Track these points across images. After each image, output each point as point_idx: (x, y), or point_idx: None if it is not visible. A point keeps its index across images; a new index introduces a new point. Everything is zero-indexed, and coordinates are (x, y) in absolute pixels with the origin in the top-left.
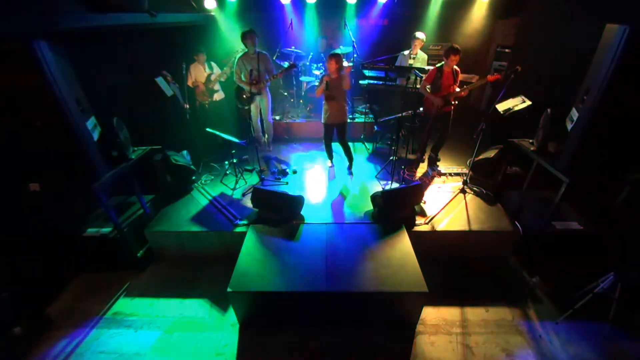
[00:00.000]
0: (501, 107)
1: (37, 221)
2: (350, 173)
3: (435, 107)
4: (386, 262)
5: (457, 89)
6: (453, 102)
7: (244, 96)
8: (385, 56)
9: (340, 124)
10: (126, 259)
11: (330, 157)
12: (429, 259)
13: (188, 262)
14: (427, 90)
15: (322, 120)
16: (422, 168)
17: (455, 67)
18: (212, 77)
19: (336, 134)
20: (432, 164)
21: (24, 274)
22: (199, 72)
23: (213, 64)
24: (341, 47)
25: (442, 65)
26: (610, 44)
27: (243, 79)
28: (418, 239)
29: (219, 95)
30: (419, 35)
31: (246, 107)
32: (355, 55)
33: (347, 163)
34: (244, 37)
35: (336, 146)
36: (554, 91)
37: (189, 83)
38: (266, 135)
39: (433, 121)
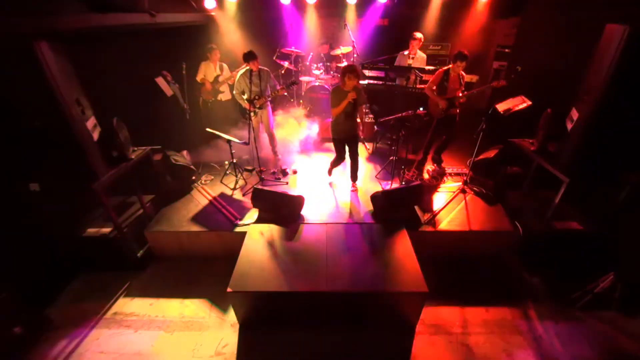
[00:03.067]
0: (501, 107)
1: (37, 221)
2: (355, 185)
3: (439, 110)
4: (386, 262)
5: (460, 94)
6: (457, 106)
7: (247, 111)
8: (385, 56)
9: (353, 136)
10: (126, 259)
11: (331, 171)
12: (429, 259)
13: (188, 262)
14: (433, 92)
15: (334, 136)
16: (423, 168)
17: (461, 72)
18: (220, 79)
19: (348, 148)
20: (437, 164)
21: (24, 274)
22: (209, 70)
23: (224, 65)
24: (341, 47)
25: (449, 69)
26: (610, 44)
27: (244, 96)
28: (418, 239)
29: (224, 96)
30: (417, 35)
31: (249, 121)
32: (355, 55)
33: (350, 173)
34: (246, 59)
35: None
36: (554, 91)
37: (198, 78)
38: (270, 146)
39: (437, 123)
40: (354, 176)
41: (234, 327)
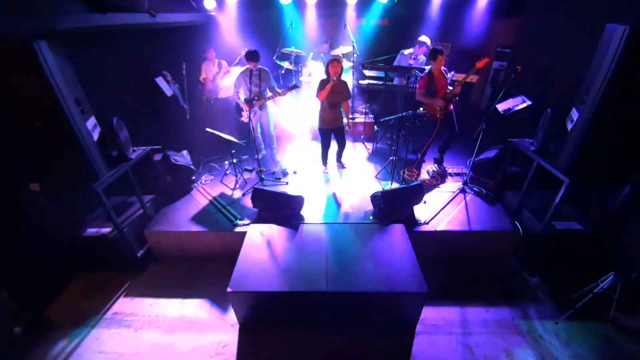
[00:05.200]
0: (501, 107)
1: (37, 221)
2: (341, 163)
3: (439, 111)
4: (386, 262)
5: (450, 88)
6: (454, 100)
7: (243, 111)
8: (385, 56)
9: (339, 127)
10: (126, 259)
11: (326, 162)
12: (429, 259)
13: (188, 262)
14: (424, 96)
15: (320, 126)
16: (423, 168)
17: (443, 67)
18: (219, 76)
19: (335, 137)
20: (438, 164)
21: (24, 274)
22: (209, 69)
23: (223, 62)
24: (341, 47)
25: (430, 69)
26: (610, 44)
27: (240, 96)
28: (418, 239)
29: (224, 93)
30: (424, 39)
31: (245, 121)
32: (355, 55)
33: (336, 155)
34: (249, 58)
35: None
36: (554, 91)
37: (200, 78)
38: (269, 149)
39: (440, 125)
40: (338, 157)
41: (234, 327)
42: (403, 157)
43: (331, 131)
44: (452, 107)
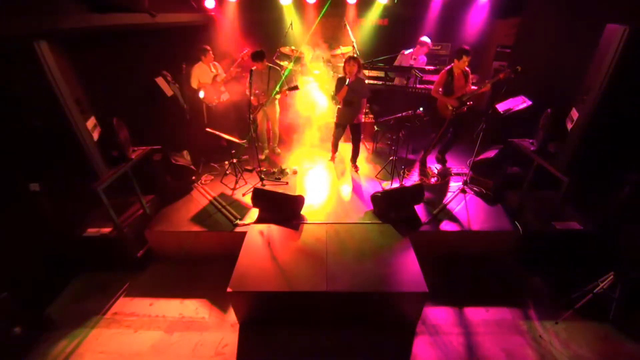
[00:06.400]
0: (501, 107)
1: (37, 221)
2: (356, 166)
3: (451, 110)
4: (386, 262)
5: (474, 87)
6: (468, 103)
7: (253, 106)
8: (385, 56)
9: (356, 124)
10: (126, 259)
11: (334, 151)
12: (429, 259)
13: (188, 262)
14: (440, 93)
15: (336, 120)
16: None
17: (466, 68)
18: (219, 79)
19: (350, 132)
20: (441, 164)
21: (24, 274)
22: (204, 73)
23: (217, 64)
24: (341, 47)
25: (452, 68)
26: (610, 44)
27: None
28: (418, 239)
29: (225, 96)
30: (425, 39)
31: (253, 116)
32: (355, 55)
33: (351, 156)
34: (255, 58)
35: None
36: (554, 91)
37: (193, 85)
38: (271, 143)
39: (448, 124)
40: (353, 159)
41: (234, 327)
42: (403, 157)
43: (346, 126)
44: (465, 109)
